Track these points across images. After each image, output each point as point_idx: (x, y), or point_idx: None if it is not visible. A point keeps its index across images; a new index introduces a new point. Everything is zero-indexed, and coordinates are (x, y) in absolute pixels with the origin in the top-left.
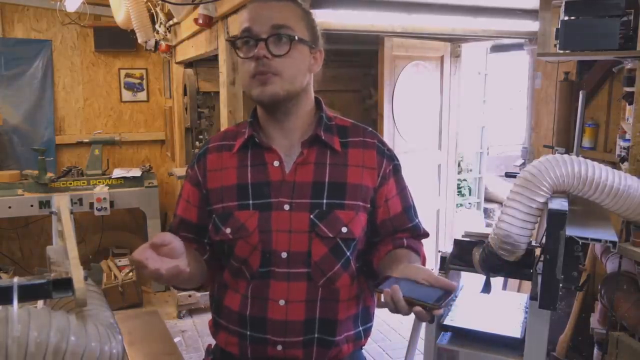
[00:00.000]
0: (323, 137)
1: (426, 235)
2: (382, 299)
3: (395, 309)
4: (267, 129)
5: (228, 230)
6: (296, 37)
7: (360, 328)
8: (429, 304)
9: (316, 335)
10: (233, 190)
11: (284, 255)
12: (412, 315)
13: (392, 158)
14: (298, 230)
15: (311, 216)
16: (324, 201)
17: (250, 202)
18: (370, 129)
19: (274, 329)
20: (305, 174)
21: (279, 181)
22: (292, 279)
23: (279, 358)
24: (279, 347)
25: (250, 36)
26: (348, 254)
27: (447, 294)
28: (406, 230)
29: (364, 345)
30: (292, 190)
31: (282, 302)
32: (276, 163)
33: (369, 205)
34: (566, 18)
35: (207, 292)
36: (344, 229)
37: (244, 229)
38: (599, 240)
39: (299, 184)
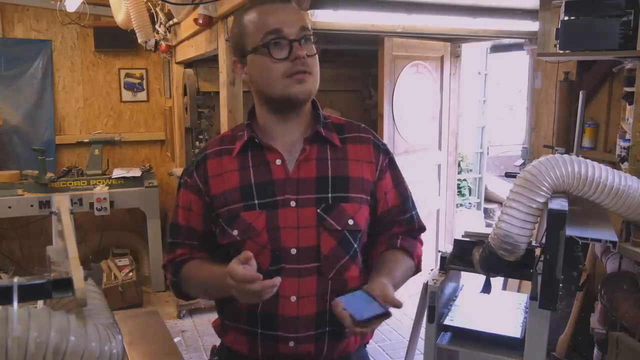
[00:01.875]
0: (323, 134)
1: (422, 229)
2: None
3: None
4: (269, 128)
5: (235, 232)
6: (315, 38)
7: None
8: (356, 320)
9: (327, 329)
10: (237, 192)
11: (294, 251)
12: (412, 316)
13: (387, 151)
14: (306, 226)
15: (318, 210)
16: (329, 195)
17: (256, 202)
18: (363, 125)
19: (286, 325)
20: (308, 170)
21: (282, 179)
22: (303, 275)
23: (291, 355)
24: (291, 344)
25: (284, 37)
26: (355, 245)
27: (382, 315)
28: (402, 222)
29: (368, 341)
30: (297, 186)
31: (293, 299)
32: (278, 161)
33: (369, 198)
34: (566, 18)
35: None
36: (351, 221)
37: (252, 229)
38: (599, 240)
39: (303, 180)
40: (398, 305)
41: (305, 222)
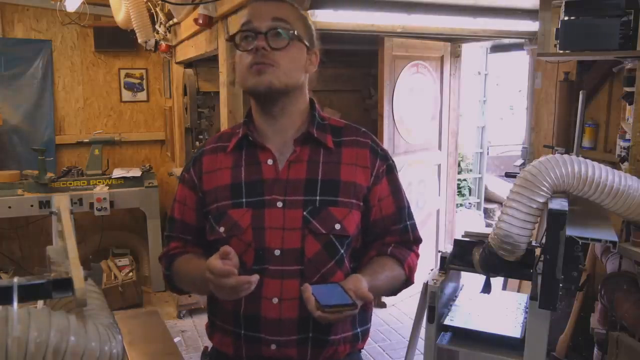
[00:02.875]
0: (315, 135)
1: (417, 241)
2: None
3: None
4: (261, 127)
5: (222, 229)
6: (295, 33)
7: (359, 330)
8: (320, 305)
9: (311, 335)
10: (227, 189)
11: (277, 252)
12: (412, 316)
13: (385, 158)
14: (291, 228)
15: (304, 213)
16: (317, 198)
17: (244, 200)
18: (363, 129)
19: (268, 327)
20: (298, 172)
21: (272, 179)
22: (286, 277)
23: (273, 357)
24: (273, 347)
25: (251, 30)
26: (342, 251)
27: (348, 306)
28: (395, 232)
29: (361, 348)
30: (285, 187)
31: (275, 300)
32: (270, 161)
33: (362, 204)
34: (566, 18)
35: None
36: (337, 226)
37: (237, 227)
38: (599, 240)
39: (292, 182)
40: (368, 299)
41: (290, 224)
